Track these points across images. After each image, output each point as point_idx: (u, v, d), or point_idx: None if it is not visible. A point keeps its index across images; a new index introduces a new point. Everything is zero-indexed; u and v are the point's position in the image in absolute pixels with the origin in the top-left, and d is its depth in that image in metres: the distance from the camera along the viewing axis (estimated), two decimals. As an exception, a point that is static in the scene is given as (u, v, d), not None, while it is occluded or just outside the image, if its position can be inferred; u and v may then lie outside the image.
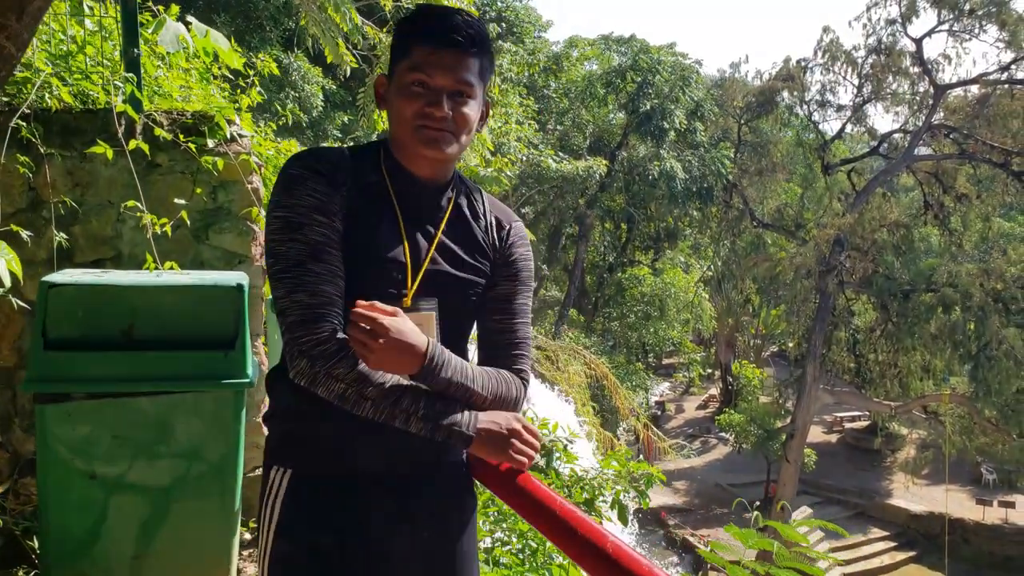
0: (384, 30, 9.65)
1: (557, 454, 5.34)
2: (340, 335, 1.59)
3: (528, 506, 1.52)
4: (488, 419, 1.65)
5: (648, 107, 26.89)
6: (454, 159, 1.76)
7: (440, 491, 1.77)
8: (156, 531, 2.72)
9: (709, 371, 42.18)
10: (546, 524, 1.44)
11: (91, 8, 3.68)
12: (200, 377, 2.64)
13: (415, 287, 1.71)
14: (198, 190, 3.33)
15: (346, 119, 18.96)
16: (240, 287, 2.69)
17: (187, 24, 3.86)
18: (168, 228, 3.05)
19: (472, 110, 1.70)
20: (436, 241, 1.75)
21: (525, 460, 1.64)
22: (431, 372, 1.58)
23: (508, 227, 1.87)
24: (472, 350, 1.89)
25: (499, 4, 28.26)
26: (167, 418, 2.65)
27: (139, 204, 2.98)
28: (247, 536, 3.57)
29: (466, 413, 1.63)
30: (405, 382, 1.61)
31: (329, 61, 9.57)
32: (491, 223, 1.85)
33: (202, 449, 2.70)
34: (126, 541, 2.69)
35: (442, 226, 1.78)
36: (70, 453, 2.58)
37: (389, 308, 1.54)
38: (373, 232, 1.69)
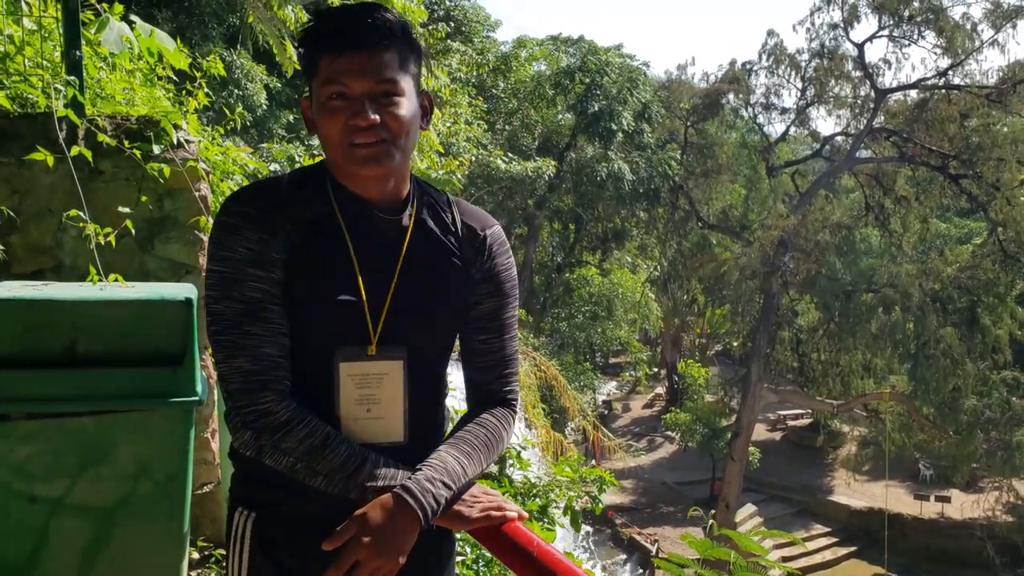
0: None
1: (510, 461, 5.32)
2: (285, 403, 1.46)
3: (507, 551, 1.45)
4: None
5: (596, 108, 26.98)
6: (401, 170, 1.56)
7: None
8: (99, 555, 2.61)
9: (655, 370, 42.58)
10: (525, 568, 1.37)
11: (29, 6, 3.54)
12: (147, 395, 2.54)
13: (379, 332, 1.54)
14: (143, 198, 3.21)
15: (291, 118, 18.69)
16: (188, 301, 2.58)
17: (131, 23, 3.72)
18: (112, 238, 2.93)
19: (404, 109, 1.50)
20: (399, 272, 1.56)
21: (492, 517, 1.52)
22: (432, 517, 1.43)
23: (483, 235, 1.66)
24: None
25: (447, 3, 28.15)
26: (112, 438, 2.54)
27: (81, 213, 2.86)
28: (195, 555, 3.47)
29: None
30: (359, 454, 1.47)
31: (277, 59, 9.40)
32: (463, 234, 1.64)
33: (150, 470, 2.59)
34: (68, 566, 2.58)
35: (403, 251, 1.58)
36: (8, 475, 2.46)
37: (343, 527, 1.37)
38: (323, 273, 1.52)
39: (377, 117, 1.46)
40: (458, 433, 1.60)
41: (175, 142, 3.23)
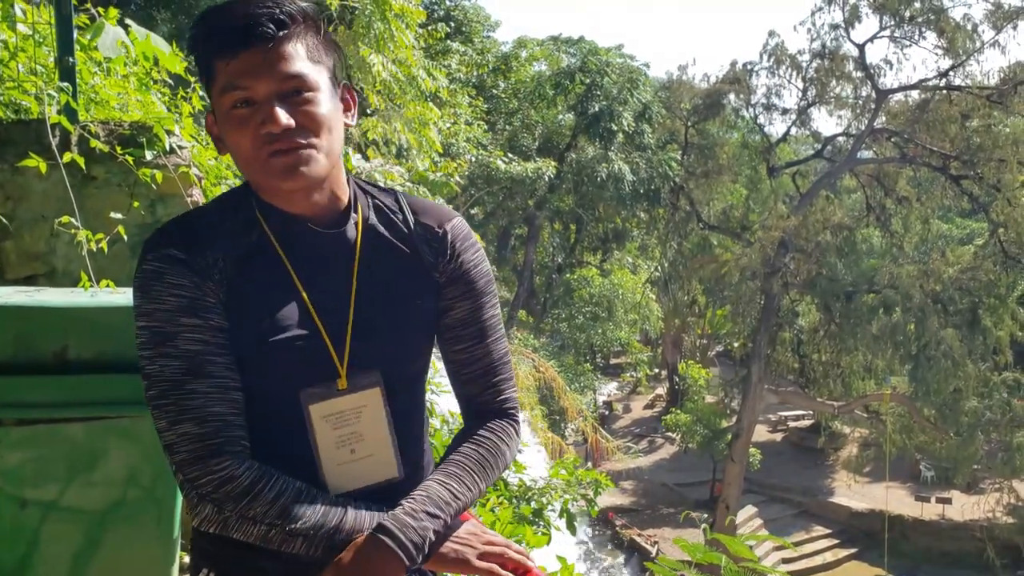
0: (330, 28, 9.51)
1: (506, 464, 5.30)
2: (246, 465, 1.27)
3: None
4: (447, 547, 1.33)
5: (597, 109, 26.99)
6: (327, 174, 1.34)
7: None
8: (91, 559, 2.62)
9: (656, 371, 42.50)
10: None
11: (23, 12, 3.55)
12: (137, 402, 2.51)
13: (346, 361, 1.36)
14: (136, 204, 3.22)
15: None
16: (179, 307, 2.60)
17: (126, 27, 3.73)
18: (104, 244, 2.94)
19: (320, 105, 1.29)
20: (355, 290, 1.38)
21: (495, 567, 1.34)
22: (418, 553, 1.26)
23: (442, 232, 1.45)
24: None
25: (447, 3, 28.16)
26: (102, 443, 2.55)
27: (74, 219, 2.87)
28: (186, 560, 3.48)
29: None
30: (340, 504, 1.30)
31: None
32: (419, 233, 1.44)
33: (139, 475, 2.61)
34: (59, 570, 2.59)
35: (356, 266, 1.39)
36: (0, 480, 2.49)
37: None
38: (268, 310, 1.33)
39: (291, 121, 1.27)
40: (449, 456, 1.44)
41: (168, 148, 3.24)
